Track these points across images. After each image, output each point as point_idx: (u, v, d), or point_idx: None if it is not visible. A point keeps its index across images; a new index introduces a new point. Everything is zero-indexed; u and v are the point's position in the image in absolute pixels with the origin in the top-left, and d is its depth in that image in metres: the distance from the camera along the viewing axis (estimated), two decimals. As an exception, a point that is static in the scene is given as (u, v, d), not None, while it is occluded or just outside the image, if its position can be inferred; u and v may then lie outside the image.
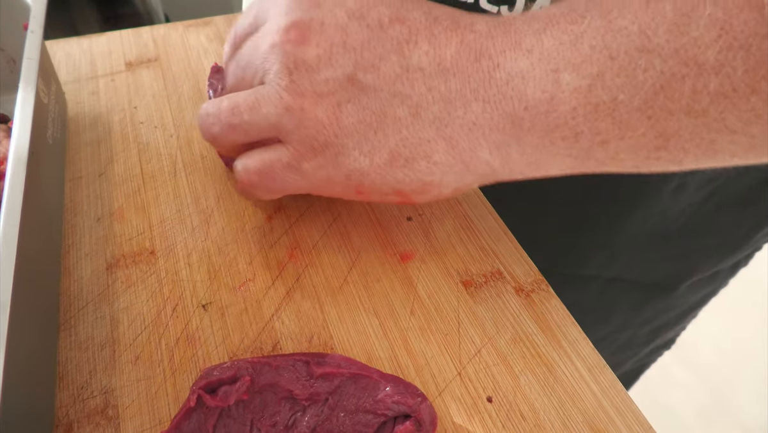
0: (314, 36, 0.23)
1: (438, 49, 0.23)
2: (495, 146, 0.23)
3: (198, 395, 0.23)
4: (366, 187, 0.25)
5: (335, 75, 0.23)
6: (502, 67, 0.22)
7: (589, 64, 0.20)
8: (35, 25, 0.32)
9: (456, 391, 0.26)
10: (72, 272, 0.30)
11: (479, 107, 0.22)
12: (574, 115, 0.21)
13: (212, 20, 0.50)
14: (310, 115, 0.24)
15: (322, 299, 0.29)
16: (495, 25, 0.23)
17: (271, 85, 0.24)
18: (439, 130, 0.23)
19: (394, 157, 0.24)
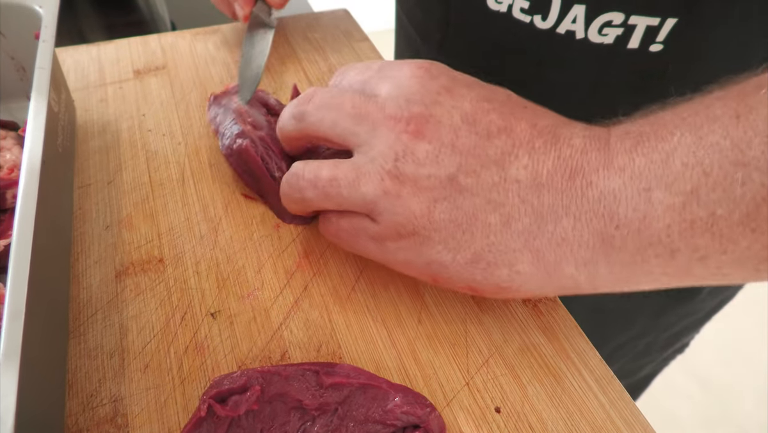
0: (429, 132, 0.24)
1: (536, 163, 0.23)
2: (582, 262, 0.23)
3: (208, 405, 0.23)
4: (442, 278, 0.26)
5: (438, 173, 0.24)
6: (594, 185, 0.22)
7: (682, 181, 0.21)
8: (47, 35, 0.32)
9: (464, 401, 0.26)
10: (81, 279, 0.30)
11: (570, 223, 0.23)
12: (668, 232, 0.21)
13: (219, 28, 0.50)
14: (405, 203, 0.25)
15: (330, 307, 0.30)
16: (590, 140, 0.23)
17: (374, 163, 0.25)
18: (527, 241, 0.23)
19: (477, 259, 0.24)
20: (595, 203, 0.22)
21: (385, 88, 0.26)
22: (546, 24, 0.36)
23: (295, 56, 0.47)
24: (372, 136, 0.25)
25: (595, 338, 0.54)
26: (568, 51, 0.37)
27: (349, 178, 0.26)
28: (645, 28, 0.33)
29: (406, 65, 0.27)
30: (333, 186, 0.26)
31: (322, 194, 0.27)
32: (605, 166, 0.22)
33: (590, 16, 0.34)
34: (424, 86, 0.26)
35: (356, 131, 0.26)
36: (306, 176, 0.27)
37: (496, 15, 0.39)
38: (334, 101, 0.27)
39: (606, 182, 0.22)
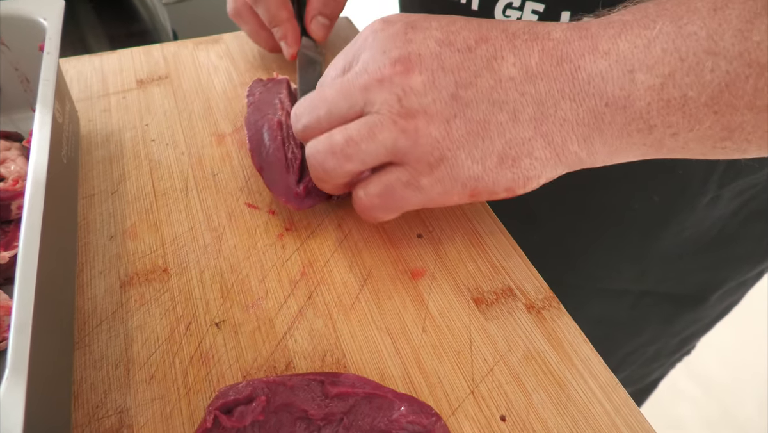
0: (416, 66, 0.26)
1: (523, 59, 0.25)
2: (582, 138, 0.26)
3: (214, 416, 0.23)
4: (479, 190, 0.27)
5: (440, 96, 0.26)
6: (582, 68, 0.25)
7: (661, 65, 0.23)
8: (51, 47, 0.32)
9: (469, 410, 0.26)
10: (86, 290, 0.30)
11: (567, 105, 0.25)
12: (648, 110, 0.24)
13: (221, 38, 0.51)
14: (424, 133, 0.26)
15: (334, 316, 0.30)
16: (570, 31, 0.26)
17: (381, 113, 0.26)
18: (536, 128, 0.26)
19: (503, 159, 0.26)
20: (585, 84, 0.25)
21: (359, 60, 0.28)
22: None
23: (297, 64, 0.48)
24: (368, 96, 0.27)
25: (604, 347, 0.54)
26: None
27: (363, 134, 0.27)
28: None
29: (362, 32, 0.29)
30: (351, 146, 0.27)
31: (343, 157, 0.28)
32: (590, 51, 0.25)
33: None
34: (390, 35, 0.27)
35: (352, 103, 0.27)
36: (322, 148, 0.28)
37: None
38: (317, 98, 0.29)
39: (593, 65, 0.24)
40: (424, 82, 0.26)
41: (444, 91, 0.26)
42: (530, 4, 0.37)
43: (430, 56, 0.26)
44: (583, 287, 0.49)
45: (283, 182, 0.33)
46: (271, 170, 0.34)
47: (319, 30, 0.45)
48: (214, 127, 0.41)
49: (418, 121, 0.26)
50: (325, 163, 0.28)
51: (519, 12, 0.37)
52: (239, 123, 0.42)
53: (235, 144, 0.40)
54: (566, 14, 0.35)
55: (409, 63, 0.26)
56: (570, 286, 0.49)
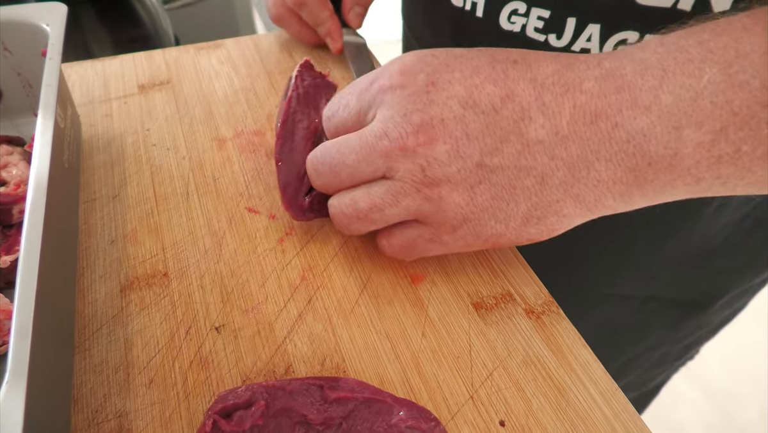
0: (439, 134, 0.25)
1: (552, 119, 0.24)
2: (619, 194, 0.25)
3: (213, 420, 0.23)
4: (501, 243, 0.28)
5: (465, 165, 0.25)
6: (621, 126, 0.23)
7: (712, 120, 0.21)
8: (53, 52, 0.32)
9: (468, 415, 0.26)
10: (86, 294, 0.31)
11: (602, 166, 0.24)
12: (697, 167, 0.23)
13: (223, 43, 0.51)
14: (448, 200, 0.26)
15: (333, 321, 0.30)
16: (604, 81, 0.23)
17: (405, 181, 0.26)
18: (566, 191, 0.25)
19: (527, 220, 0.26)
20: (623, 144, 0.23)
21: (378, 114, 0.27)
22: (561, 43, 0.36)
23: (298, 70, 0.48)
24: (390, 164, 0.26)
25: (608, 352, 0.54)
26: None
27: (387, 201, 0.27)
28: None
29: (380, 79, 0.27)
30: (375, 212, 0.27)
31: (368, 222, 0.28)
32: (629, 107, 0.23)
33: (605, 35, 0.34)
34: (410, 93, 0.26)
35: (374, 169, 0.27)
36: (346, 212, 0.29)
37: (509, 35, 0.39)
38: (336, 160, 0.28)
39: (633, 122, 0.23)
40: (448, 152, 0.25)
41: (469, 160, 0.25)
42: (536, 11, 0.36)
43: (453, 121, 0.25)
44: (587, 291, 0.49)
45: (292, 188, 0.32)
46: (286, 170, 0.33)
47: (356, 19, 0.47)
48: (215, 132, 0.41)
49: (441, 189, 0.26)
50: (351, 225, 0.29)
51: (524, 18, 0.37)
52: (240, 128, 0.42)
53: (236, 149, 0.40)
54: (572, 20, 0.35)
55: (432, 132, 0.25)
56: (573, 291, 0.49)
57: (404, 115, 0.25)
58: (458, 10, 0.42)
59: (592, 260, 0.47)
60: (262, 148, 0.40)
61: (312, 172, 0.30)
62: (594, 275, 0.48)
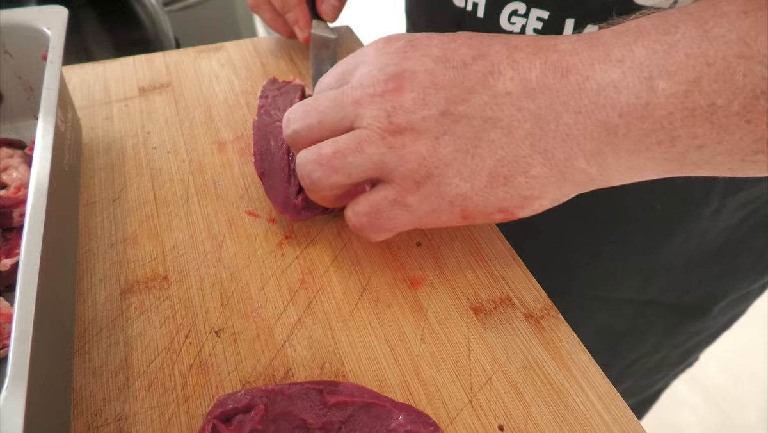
0: (408, 84, 0.26)
1: (522, 73, 0.24)
2: (590, 154, 0.24)
3: (213, 425, 0.23)
4: (470, 211, 0.26)
5: (430, 113, 0.25)
6: (591, 78, 0.23)
7: (685, 70, 0.21)
8: (54, 56, 0.32)
9: (467, 419, 0.26)
10: (86, 297, 0.31)
11: (571, 118, 0.23)
12: (670, 120, 0.22)
13: (223, 46, 0.51)
14: (411, 149, 0.25)
15: (333, 325, 0.30)
16: (579, 42, 0.24)
17: (370, 128, 0.26)
18: (533, 145, 0.24)
19: (494, 178, 0.25)
20: (594, 95, 0.23)
21: (357, 73, 0.28)
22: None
23: (298, 73, 0.48)
24: (359, 110, 0.26)
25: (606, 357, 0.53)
26: None
27: (351, 147, 0.26)
28: None
29: (367, 48, 0.28)
30: (338, 158, 0.27)
31: (330, 169, 0.27)
32: (601, 60, 0.23)
33: None
34: (389, 51, 0.27)
35: (343, 115, 0.27)
36: (310, 158, 0.28)
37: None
38: (310, 107, 0.29)
39: (604, 75, 0.23)
40: (414, 99, 0.25)
41: (434, 108, 0.25)
42: (535, 12, 0.37)
43: (424, 73, 0.26)
44: (585, 296, 0.49)
45: (282, 191, 0.33)
46: (272, 178, 0.34)
47: (329, 11, 0.46)
48: (215, 135, 0.41)
49: (405, 137, 0.25)
50: (312, 173, 0.28)
51: (524, 19, 0.37)
52: (240, 131, 0.42)
53: (236, 152, 0.40)
54: (571, 22, 0.35)
55: (401, 80, 0.26)
56: (572, 295, 0.49)
57: (380, 68, 0.27)
58: (460, 10, 0.42)
59: (590, 264, 0.48)
60: (262, 151, 0.40)
61: (285, 120, 0.30)
62: (592, 279, 0.48)
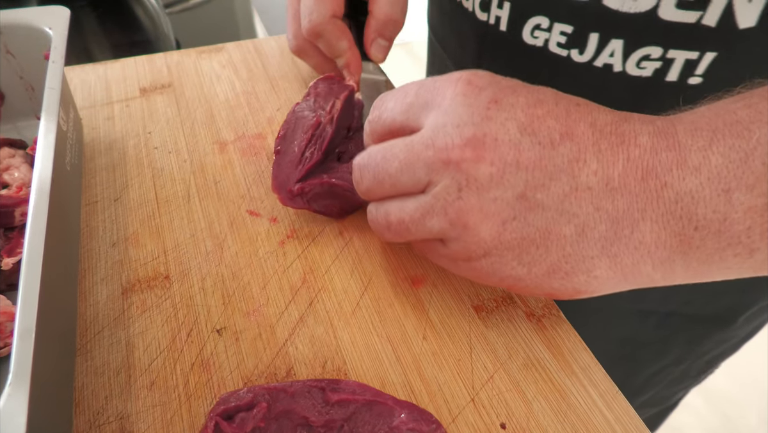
0: (488, 153, 0.23)
1: (606, 167, 0.23)
2: (659, 261, 0.23)
3: (215, 422, 0.23)
4: (516, 288, 0.26)
5: (505, 195, 0.23)
6: (669, 186, 0.22)
7: (764, 182, 0.20)
8: (56, 56, 0.32)
9: (469, 417, 0.26)
10: (88, 296, 0.31)
11: (647, 227, 0.22)
12: (749, 234, 0.21)
13: (224, 47, 0.51)
14: (473, 232, 0.24)
15: (335, 323, 0.30)
16: (657, 137, 0.23)
17: (438, 199, 0.24)
18: (604, 248, 0.23)
19: (554, 270, 0.24)
20: (671, 204, 0.22)
21: (430, 118, 0.25)
22: (583, 58, 0.36)
23: (299, 74, 0.48)
24: (432, 176, 0.24)
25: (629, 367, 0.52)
26: (605, 84, 0.36)
27: (415, 218, 0.26)
28: (684, 62, 0.33)
29: (444, 86, 0.26)
30: (402, 227, 0.26)
31: (396, 234, 0.27)
32: (679, 166, 0.22)
33: (628, 50, 0.34)
34: (470, 104, 0.24)
35: (415, 180, 0.25)
36: (380, 221, 0.28)
37: (531, 49, 0.38)
38: (380, 168, 0.26)
39: (681, 183, 0.22)
40: (491, 175, 0.23)
41: (510, 190, 0.23)
42: (558, 26, 0.36)
43: (507, 144, 0.23)
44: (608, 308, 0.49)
45: (285, 173, 0.33)
46: (283, 158, 0.34)
47: (379, 53, 0.44)
48: (216, 135, 0.41)
49: (470, 217, 0.24)
50: (384, 234, 0.28)
51: (547, 33, 0.37)
52: (241, 131, 0.42)
53: (237, 152, 0.40)
54: (595, 36, 0.35)
55: (481, 148, 0.23)
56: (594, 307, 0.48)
57: (457, 125, 0.24)
58: (483, 23, 0.42)
59: None
60: (264, 151, 0.40)
61: (357, 176, 0.28)
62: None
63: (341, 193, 0.33)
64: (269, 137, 0.41)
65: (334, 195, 0.34)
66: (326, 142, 0.34)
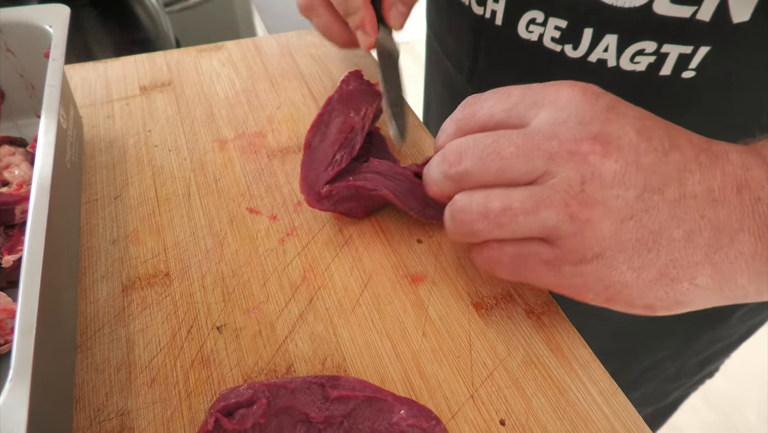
0: (614, 151, 0.24)
1: (708, 179, 0.24)
2: (755, 273, 0.24)
3: (215, 418, 0.23)
4: (618, 299, 0.25)
5: (626, 193, 0.24)
6: (762, 201, 0.23)
7: None
8: (56, 54, 0.33)
9: (469, 414, 0.26)
10: (88, 294, 0.31)
11: (745, 237, 0.23)
12: None
13: (224, 45, 0.51)
14: (594, 227, 0.24)
15: (334, 321, 0.30)
16: (746, 155, 0.24)
17: (556, 190, 0.24)
18: (707, 255, 0.24)
19: (661, 276, 0.24)
20: (765, 218, 0.23)
21: (543, 115, 0.25)
22: (577, 53, 0.36)
23: (299, 72, 0.48)
24: (551, 166, 0.24)
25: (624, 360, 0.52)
26: (599, 79, 0.36)
27: (526, 206, 0.24)
28: (677, 56, 0.33)
29: (559, 88, 0.26)
30: (507, 215, 0.25)
31: (495, 224, 0.25)
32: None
33: (622, 45, 0.34)
34: (592, 106, 0.25)
35: (530, 168, 0.25)
36: (475, 209, 0.26)
37: (526, 44, 0.39)
38: (491, 149, 0.25)
39: None
40: (616, 172, 0.24)
41: (632, 189, 0.24)
42: (553, 21, 0.36)
43: (629, 145, 0.24)
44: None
45: (314, 174, 0.33)
46: (313, 155, 0.34)
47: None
48: (216, 133, 0.41)
49: (592, 211, 0.24)
50: (473, 224, 0.26)
51: (542, 28, 0.37)
52: (241, 129, 0.42)
53: (237, 150, 0.40)
54: (589, 31, 0.35)
55: (608, 145, 0.24)
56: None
57: (581, 122, 0.24)
58: (478, 17, 0.42)
59: None
60: (263, 149, 0.40)
61: (454, 155, 0.26)
62: None
63: (366, 195, 0.33)
64: (269, 135, 0.41)
65: (359, 197, 0.33)
66: (356, 149, 0.34)
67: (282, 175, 0.38)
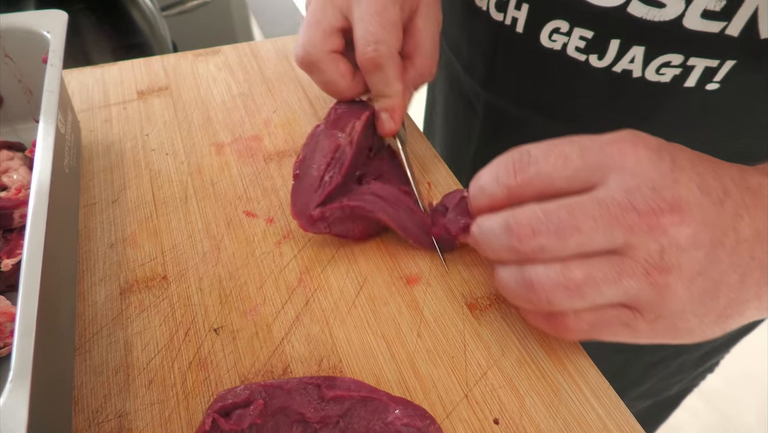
0: (687, 217, 0.24)
1: (755, 220, 0.25)
2: None
3: (213, 419, 0.23)
4: (684, 339, 0.27)
5: (697, 253, 0.24)
6: None
7: None
8: (54, 59, 0.33)
9: (463, 413, 0.26)
10: (86, 297, 0.31)
11: None
12: None
13: (221, 49, 0.52)
14: (672, 291, 0.24)
15: (330, 322, 0.30)
16: None
17: (638, 261, 0.24)
18: (756, 292, 0.25)
19: (720, 318, 0.26)
20: None
21: (612, 181, 0.25)
22: (602, 63, 0.36)
23: (296, 76, 0.49)
24: (631, 239, 0.24)
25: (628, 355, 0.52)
26: (623, 89, 0.36)
27: (609, 276, 0.24)
28: (703, 69, 0.33)
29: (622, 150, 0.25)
30: (590, 285, 0.25)
31: (577, 294, 0.25)
32: None
33: (649, 57, 0.34)
34: (657, 167, 0.25)
35: (610, 241, 0.24)
36: (554, 278, 0.25)
37: (549, 53, 0.38)
38: (567, 224, 0.25)
39: None
40: (688, 237, 0.24)
41: (702, 249, 0.24)
42: (579, 31, 0.36)
43: (696, 206, 0.24)
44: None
45: (304, 198, 0.33)
46: (302, 182, 0.33)
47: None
48: (213, 137, 0.42)
49: (670, 277, 0.24)
50: (552, 295, 0.25)
51: (566, 38, 0.37)
52: (238, 133, 0.42)
53: (234, 154, 0.40)
54: (616, 42, 0.35)
55: (681, 212, 0.24)
56: None
57: (653, 188, 0.24)
58: (498, 24, 0.41)
59: None
60: (260, 153, 0.41)
61: (526, 229, 0.25)
62: None
63: (363, 216, 0.33)
64: (265, 139, 0.42)
65: (355, 218, 0.33)
66: (346, 166, 0.33)
67: (278, 179, 0.38)
